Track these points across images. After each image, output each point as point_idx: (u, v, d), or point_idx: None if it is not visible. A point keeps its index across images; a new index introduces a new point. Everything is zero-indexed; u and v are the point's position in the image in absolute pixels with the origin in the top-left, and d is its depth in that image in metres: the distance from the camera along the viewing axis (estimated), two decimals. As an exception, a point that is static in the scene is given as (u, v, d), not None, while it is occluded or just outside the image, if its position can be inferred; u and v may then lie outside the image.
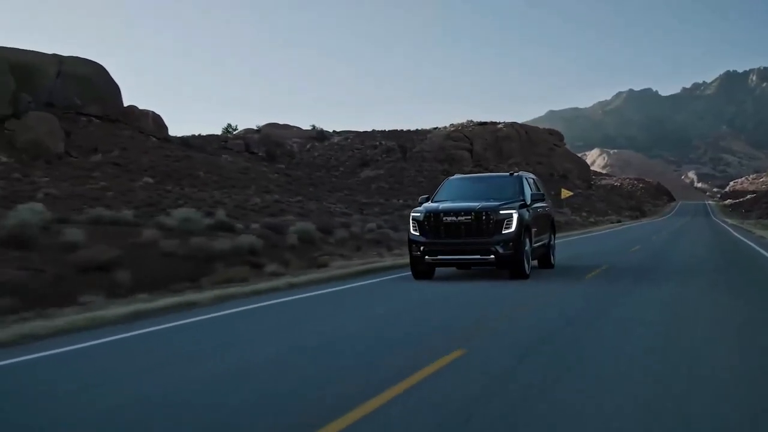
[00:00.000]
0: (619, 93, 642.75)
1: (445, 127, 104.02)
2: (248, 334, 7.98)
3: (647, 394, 5.04)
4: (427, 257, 13.46)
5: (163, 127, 69.37)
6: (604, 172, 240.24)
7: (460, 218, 13.20)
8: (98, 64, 67.13)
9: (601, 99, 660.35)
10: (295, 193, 51.94)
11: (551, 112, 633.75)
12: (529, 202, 14.36)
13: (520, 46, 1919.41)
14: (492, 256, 13.15)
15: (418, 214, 13.69)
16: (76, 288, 9.53)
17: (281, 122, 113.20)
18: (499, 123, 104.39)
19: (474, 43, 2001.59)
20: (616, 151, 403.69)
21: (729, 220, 77.62)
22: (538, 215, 15.01)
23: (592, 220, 64.33)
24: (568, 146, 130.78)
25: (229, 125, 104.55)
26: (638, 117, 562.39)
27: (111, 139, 61.01)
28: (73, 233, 11.52)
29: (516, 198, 14.11)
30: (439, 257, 13.51)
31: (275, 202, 39.44)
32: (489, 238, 13.08)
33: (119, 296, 9.78)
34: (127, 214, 18.57)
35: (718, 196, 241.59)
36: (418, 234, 13.56)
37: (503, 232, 13.07)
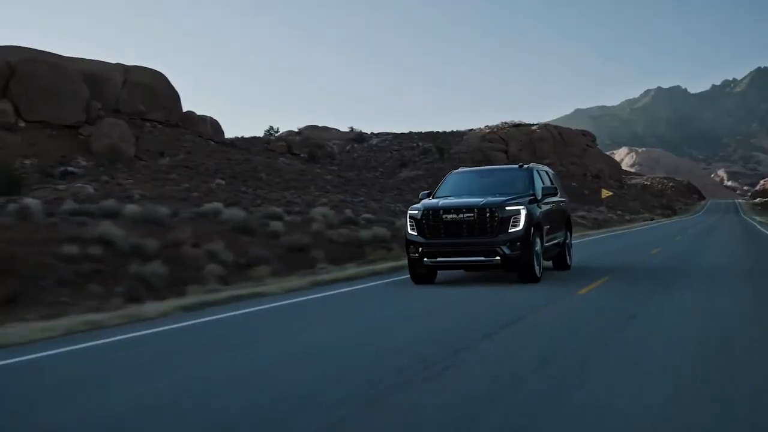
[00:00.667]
0: (648, 91, 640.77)
1: (480, 129, 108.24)
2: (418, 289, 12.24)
3: None
4: (425, 259, 12.40)
5: (220, 131, 74.24)
6: (632, 170, 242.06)
7: (461, 216, 12.14)
8: (159, 72, 72.04)
9: (629, 97, 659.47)
10: (352, 193, 56.36)
11: (578, 111, 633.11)
12: (540, 197, 13.31)
13: (547, 44, 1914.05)
14: (497, 258, 12.06)
15: (416, 212, 12.65)
16: (302, 261, 13.99)
17: (320, 124, 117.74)
18: (534, 125, 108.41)
19: (501, 42, 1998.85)
20: (644, 149, 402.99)
21: (758, 218, 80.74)
22: (550, 211, 13.97)
23: (627, 218, 68.23)
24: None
25: (271, 127, 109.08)
26: (667, 115, 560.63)
27: (175, 143, 65.89)
28: (276, 225, 15.98)
29: (525, 193, 13.08)
30: (439, 259, 12.42)
31: (341, 202, 43.79)
32: (494, 237, 12.04)
33: (332, 266, 14.32)
34: (256, 212, 22.93)
35: (749, 194, 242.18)
36: (415, 234, 12.52)
37: (510, 230, 12.02)
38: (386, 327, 8.16)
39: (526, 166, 14.44)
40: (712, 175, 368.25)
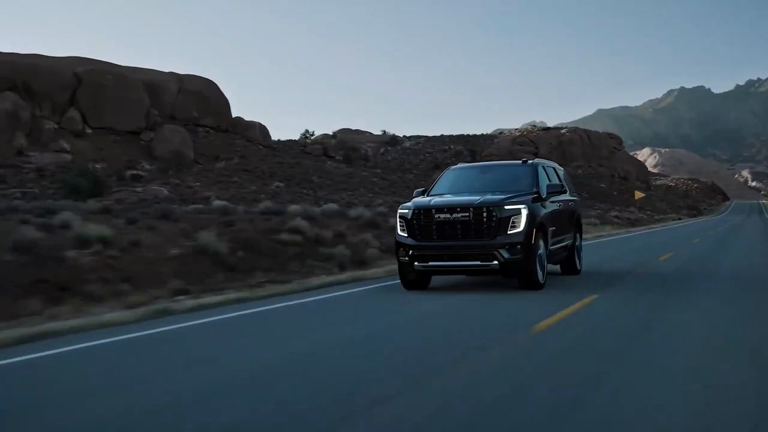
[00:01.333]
0: (671, 91, 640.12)
1: (510, 132, 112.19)
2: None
3: None
4: (416, 264, 11.47)
5: (267, 136, 78.84)
6: (656, 171, 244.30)
7: (455, 215, 11.21)
8: (210, 80, 76.73)
9: (652, 97, 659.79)
10: (398, 194, 60.63)
11: (600, 111, 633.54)
12: (544, 195, 12.31)
13: (569, 45, 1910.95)
14: (495, 263, 11.11)
15: (406, 211, 11.72)
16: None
17: (353, 127, 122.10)
18: (562, 128, 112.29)
19: (525, 44, 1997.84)
20: (667, 150, 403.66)
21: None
22: (556, 211, 12.96)
23: (656, 217, 72.01)
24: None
25: (307, 131, 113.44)
26: (690, 115, 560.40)
27: (227, 148, 70.50)
28: (390, 221, 20.23)
29: (528, 190, 12.15)
30: (431, 264, 11.49)
31: (396, 203, 48.03)
32: (491, 240, 11.09)
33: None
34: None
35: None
36: (405, 235, 11.59)
37: (509, 232, 11.09)
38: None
39: (530, 161, 13.57)
40: (736, 176, 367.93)
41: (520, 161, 13.72)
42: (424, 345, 6.87)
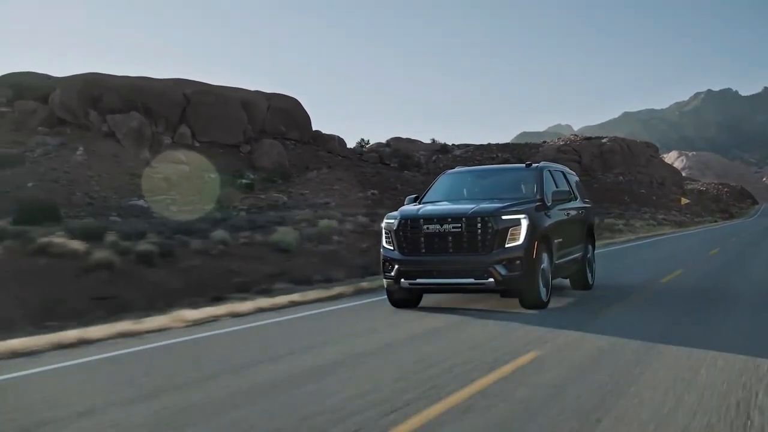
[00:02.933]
0: (697, 93, 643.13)
1: (554, 141, 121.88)
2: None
3: None
4: (403, 280, 10.56)
5: (345, 147, 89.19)
6: (684, 175, 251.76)
7: (445, 227, 10.21)
8: (294, 98, 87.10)
9: (678, 100, 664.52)
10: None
11: (626, 114, 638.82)
12: (549, 203, 11.41)
13: (594, 47, 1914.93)
14: (491, 280, 10.05)
15: (392, 221, 10.85)
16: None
17: (404, 136, 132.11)
18: (603, 138, 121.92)
19: (549, 47, 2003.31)
20: (694, 153, 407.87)
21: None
22: (564, 221, 12.02)
23: (696, 219, 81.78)
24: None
25: (362, 139, 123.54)
26: (717, 118, 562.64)
27: (314, 159, 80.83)
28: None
29: (531, 198, 11.35)
30: (419, 281, 10.55)
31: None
32: (487, 254, 10.06)
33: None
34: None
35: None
36: (391, 248, 10.73)
37: (507, 245, 10.02)
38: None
39: (535, 165, 12.46)
40: (765, 179, 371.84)
41: (524, 165, 12.62)
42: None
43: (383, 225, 11.12)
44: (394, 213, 11.08)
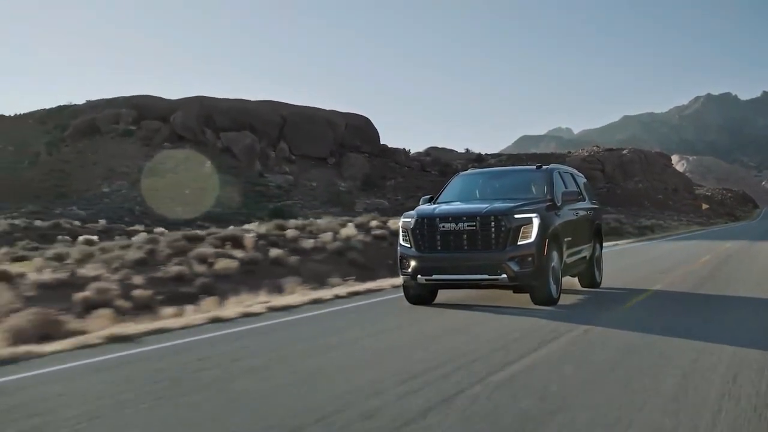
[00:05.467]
0: (697, 97, 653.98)
1: (579, 152, 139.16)
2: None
3: None
4: (419, 276, 11.05)
5: (409, 158, 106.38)
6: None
7: (460, 225, 10.74)
8: (365, 117, 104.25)
9: (678, 103, 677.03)
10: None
11: (626, 117, 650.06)
12: (559, 203, 11.82)
13: (593, 50, 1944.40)
14: (504, 276, 10.55)
15: (409, 220, 11.34)
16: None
17: (440, 146, 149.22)
18: (624, 149, 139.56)
19: (548, 49, 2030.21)
20: (695, 157, 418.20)
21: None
22: (572, 221, 12.44)
23: (711, 221, 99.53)
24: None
25: (404, 149, 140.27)
26: (717, 122, 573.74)
27: (386, 169, 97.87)
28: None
29: (542, 198, 11.79)
30: (435, 277, 11.05)
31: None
32: (500, 251, 10.54)
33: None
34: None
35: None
36: (408, 246, 11.23)
37: (519, 243, 10.53)
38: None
39: (545, 167, 12.90)
40: (764, 183, 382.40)
41: (534, 167, 13.17)
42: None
43: (400, 224, 11.62)
44: (411, 212, 11.49)
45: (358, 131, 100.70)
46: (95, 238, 28.29)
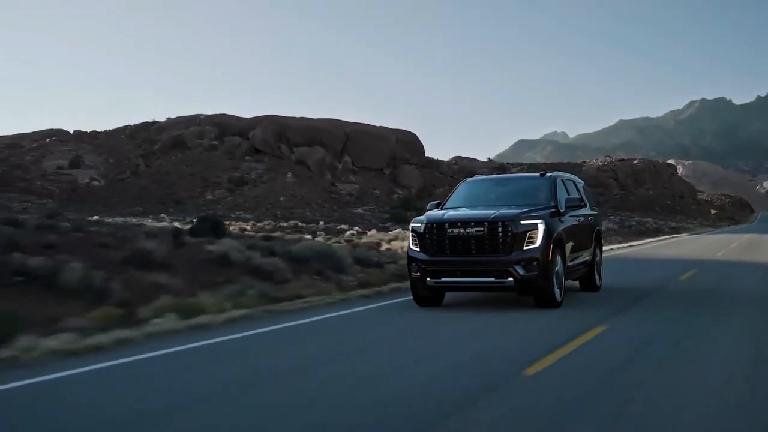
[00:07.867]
0: (692, 102, 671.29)
1: (594, 161, 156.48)
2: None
3: None
4: (428, 279, 11.91)
5: (451, 168, 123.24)
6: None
7: (469, 230, 11.50)
8: (413, 132, 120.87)
9: (673, 108, 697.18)
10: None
11: (622, 122, 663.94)
12: (563, 209, 12.67)
13: (588, 54, 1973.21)
14: (510, 279, 11.38)
15: (418, 225, 12.15)
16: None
17: (463, 155, 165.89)
18: (635, 159, 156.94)
19: (543, 53, 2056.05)
20: (690, 162, 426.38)
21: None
22: (574, 226, 13.29)
23: (717, 224, 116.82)
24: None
25: (447, 160, 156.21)
26: (712, 126, 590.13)
27: (435, 180, 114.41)
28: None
29: (546, 204, 12.56)
30: (443, 280, 11.91)
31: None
32: (506, 255, 11.37)
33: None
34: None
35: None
36: (418, 250, 12.04)
37: (525, 248, 11.34)
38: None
39: (549, 174, 13.83)
40: (758, 187, 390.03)
41: (538, 174, 13.93)
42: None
43: (410, 228, 12.40)
44: (421, 217, 12.31)
45: (407, 145, 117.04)
46: (354, 231, 43.21)
